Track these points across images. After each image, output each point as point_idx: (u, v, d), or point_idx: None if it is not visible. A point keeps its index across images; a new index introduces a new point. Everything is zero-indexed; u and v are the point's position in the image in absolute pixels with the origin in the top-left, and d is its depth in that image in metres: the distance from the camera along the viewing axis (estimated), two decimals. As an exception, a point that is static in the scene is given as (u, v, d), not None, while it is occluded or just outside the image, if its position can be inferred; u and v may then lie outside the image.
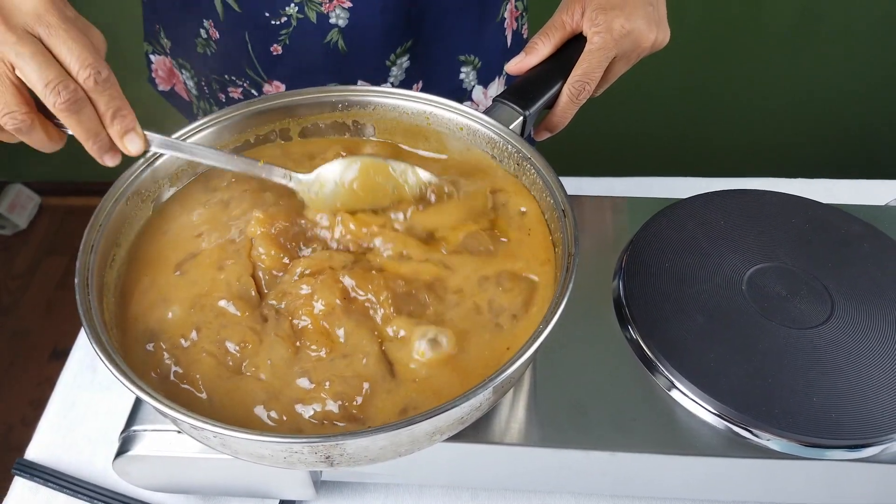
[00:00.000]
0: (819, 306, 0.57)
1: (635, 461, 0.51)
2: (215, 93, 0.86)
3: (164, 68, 0.94)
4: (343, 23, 0.75)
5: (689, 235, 0.62)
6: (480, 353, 0.49)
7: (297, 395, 0.46)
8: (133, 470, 0.53)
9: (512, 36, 0.89)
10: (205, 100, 0.90)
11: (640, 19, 0.62)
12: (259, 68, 0.80)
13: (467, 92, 0.88)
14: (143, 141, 0.50)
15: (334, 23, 0.75)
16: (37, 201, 2.25)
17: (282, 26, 0.75)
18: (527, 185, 0.58)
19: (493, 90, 0.90)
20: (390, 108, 0.62)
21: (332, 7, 0.73)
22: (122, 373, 0.42)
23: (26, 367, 1.86)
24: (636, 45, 0.63)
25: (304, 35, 0.76)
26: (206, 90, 0.88)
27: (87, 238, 0.50)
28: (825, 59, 1.69)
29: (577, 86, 0.61)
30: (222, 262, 0.53)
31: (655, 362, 0.54)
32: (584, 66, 0.61)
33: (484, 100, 0.90)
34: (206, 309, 0.50)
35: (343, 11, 0.74)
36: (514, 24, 0.89)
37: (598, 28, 0.60)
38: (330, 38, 0.76)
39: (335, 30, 0.75)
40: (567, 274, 0.47)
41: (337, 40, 0.77)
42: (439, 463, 0.55)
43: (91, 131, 0.48)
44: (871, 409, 0.51)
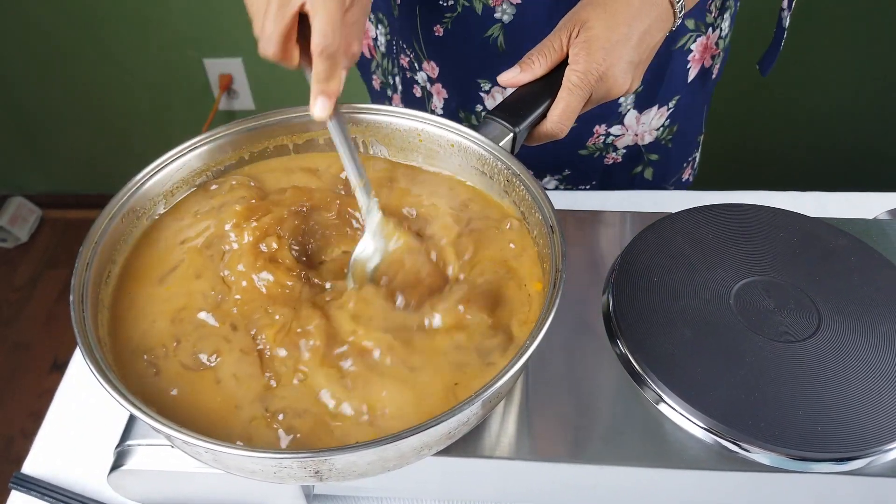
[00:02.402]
0: (806, 320, 0.58)
1: (624, 475, 0.52)
2: (398, 55, 0.88)
3: None
4: (508, 19, 0.75)
5: (678, 250, 0.63)
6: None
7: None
8: (128, 484, 0.54)
9: (699, 72, 0.86)
10: (390, 59, 0.91)
11: (620, 68, 0.62)
12: (422, 43, 0.81)
13: (620, 115, 0.86)
14: (326, 113, 0.53)
15: (498, 17, 0.75)
16: (38, 214, 2.26)
17: (447, 9, 0.76)
18: (516, 201, 0.59)
19: (648, 118, 0.87)
20: (383, 126, 0.62)
21: (500, 1, 0.73)
22: (116, 390, 0.43)
23: (27, 379, 1.87)
24: (607, 93, 0.63)
25: (466, 24, 0.77)
26: (393, 49, 0.89)
27: (81, 256, 0.51)
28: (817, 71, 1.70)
29: (555, 127, 0.61)
30: (200, 271, 0.54)
31: (644, 376, 0.55)
32: (564, 106, 0.61)
33: (635, 125, 0.88)
34: (185, 321, 0.52)
35: (510, 7, 0.74)
36: (706, 61, 0.86)
37: (577, 68, 0.60)
38: (491, 32, 0.77)
39: (497, 25, 0.76)
40: (554, 290, 0.48)
41: (497, 36, 0.77)
42: (430, 477, 0.55)
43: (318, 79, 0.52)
44: (857, 423, 0.51)
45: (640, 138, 0.90)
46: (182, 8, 1.79)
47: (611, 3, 0.61)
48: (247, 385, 0.49)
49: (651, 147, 0.92)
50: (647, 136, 0.90)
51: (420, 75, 0.87)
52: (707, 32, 0.83)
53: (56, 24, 1.85)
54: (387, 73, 0.94)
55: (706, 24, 0.82)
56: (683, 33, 0.81)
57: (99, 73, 1.94)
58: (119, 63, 1.92)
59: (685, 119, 0.91)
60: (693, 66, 0.85)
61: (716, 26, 0.83)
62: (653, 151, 0.92)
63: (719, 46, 0.86)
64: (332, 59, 0.51)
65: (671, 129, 0.91)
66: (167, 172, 0.58)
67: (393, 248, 0.56)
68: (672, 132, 0.91)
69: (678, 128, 0.91)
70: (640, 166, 0.94)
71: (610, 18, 0.61)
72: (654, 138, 0.91)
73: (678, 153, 0.94)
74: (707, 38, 0.83)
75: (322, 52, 0.50)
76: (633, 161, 0.93)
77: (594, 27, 0.61)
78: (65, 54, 1.91)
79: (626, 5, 0.61)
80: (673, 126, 0.90)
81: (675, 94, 0.87)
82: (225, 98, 1.97)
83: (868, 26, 1.62)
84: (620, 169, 0.93)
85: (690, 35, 0.82)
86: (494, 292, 0.54)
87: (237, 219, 0.57)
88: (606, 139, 0.89)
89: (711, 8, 0.81)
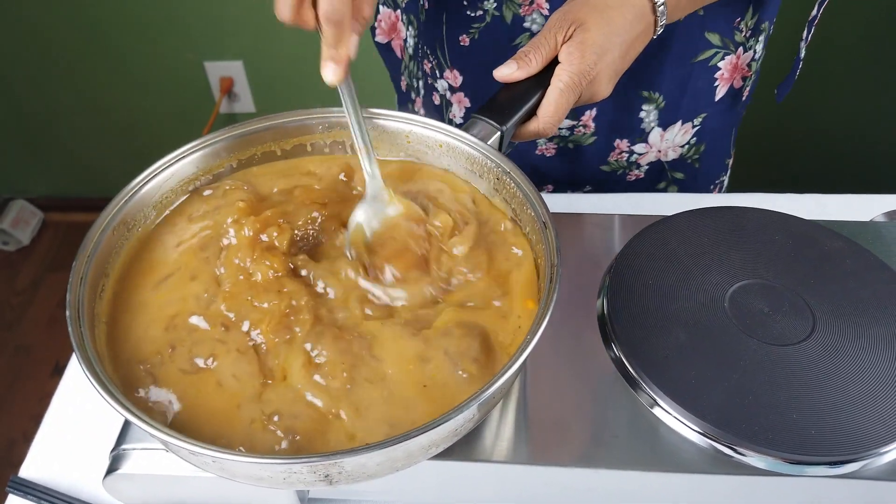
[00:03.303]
0: (801, 323, 0.58)
1: (618, 478, 0.52)
2: (422, 59, 0.88)
3: (388, 21, 0.94)
4: (537, 28, 0.75)
5: (673, 253, 0.63)
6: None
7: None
8: (123, 488, 0.54)
9: (728, 91, 0.85)
10: (416, 62, 0.91)
11: (607, 74, 0.62)
12: (446, 52, 0.81)
13: (644, 133, 0.85)
14: (334, 78, 0.53)
15: (528, 27, 0.75)
16: (40, 217, 2.27)
17: (475, 19, 0.76)
18: (507, 199, 0.59)
19: (672, 134, 0.86)
20: (370, 128, 0.62)
21: (530, 10, 0.74)
22: (121, 405, 0.43)
23: (28, 383, 1.88)
24: (591, 97, 0.64)
25: (495, 34, 0.77)
26: (420, 53, 0.89)
27: (75, 270, 0.51)
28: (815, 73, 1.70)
29: (546, 127, 0.62)
30: (195, 273, 0.54)
31: (638, 380, 0.55)
32: (554, 107, 0.61)
33: (659, 142, 0.86)
34: (179, 327, 0.52)
35: (540, 17, 0.74)
36: (736, 82, 0.84)
37: (570, 68, 0.61)
38: (520, 41, 0.77)
39: (527, 34, 0.76)
40: (551, 284, 0.48)
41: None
42: (427, 480, 0.55)
43: (328, 40, 0.52)
44: (851, 426, 0.51)
45: (664, 154, 0.88)
46: (183, 11, 1.79)
47: (607, 10, 0.62)
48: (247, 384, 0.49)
49: (676, 164, 0.90)
50: (670, 152, 0.88)
51: (440, 83, 0.87)
52: (737, 52, 0.81)
53: (58, 28, 1.85)
54: (412, 76, 0.94)
55: (735, 42, 0.81)
56: (705, 47, 0.80)
57: (100, 77, 1.95)
58: (120, 66, 1.92)
59: (713, 139, 0.89)
60: (721, 85, 0.84)
61: (748, 47, 0.82)
62: (678, 169, 0.91)
63: (752, 68, 0.85)
64: (339, 25, 0.51)
65: (698, 148, 0.89)
66: (157, 182, 0.58)
67: (393, 214, 0.56)
68: (699, 151, 0.89)
69: (706, 148, 0.89)
70: (664, 183, 0.93)
71: (606, 25, 0.61)
72: (679, 155, 0.89)
73: (706, 174, 0.93)
74: (737, 58, 0.82)
75: (328, 19, 0.50)
76: (656, 177, 0.92)
77: (590, 30, 0.61)
78: (67, 58, 1.92)
79: (620, 15, 0.62)
80: (700, 145, 0.89)
81: (701, 112, 0.85)
82: (226, 101, 1.97)
83: (866, 27, 1.62)
84: (643, 185, 0.92)
85: (717, 51, 0.81)
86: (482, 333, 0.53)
87: (238, 214, 0.58)
88: (630, 157, 0.88)
89: (742, 27, 0.80)
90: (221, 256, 0.56)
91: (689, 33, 0.67)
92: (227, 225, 0.57)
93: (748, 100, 0.90)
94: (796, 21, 1.22)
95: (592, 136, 0.86)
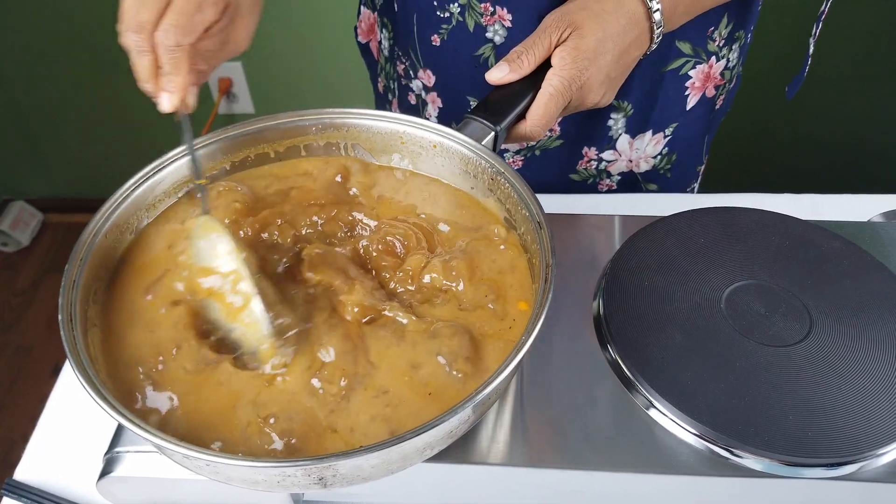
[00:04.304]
0: (797, 324, 0.57)
1: (614, 480, 0.52)
2: (395, 60, 0.88)
3: (367, 22, 0.95)
4: (500, 40, 0.75)
5: (669, 254, 0.63)
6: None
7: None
8: (117, 491, 0.54)
9: (699, 100, 0.84)
10: (391, 63, 0.91)
11: (598, 79, 0.62)
12: (419, 52, 0.81)
13: (612, 139, 0.85)
14: (170, 107, 0.53)
15: (490, 37, 0.75)
16: (39, 218, 2.27)
17: (444, 20, 0.76)
18: (501, 199, 0.59)
19: (642, 144, 0.86)
20: (364, 129, 0.62)
21: (492, 21, 0.74)
22: (114, 409, 0.43)
23: (28, 384, 1.87)
24: (582, 101, 0.64)
25: (460, 38, 0.77)
26: (395, 55, 0.89)
27: (67, 274, 0.51)
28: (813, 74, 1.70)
29: (535, 130, 0.62)
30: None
31: (634, 381, 0.55)
32: (544, 111, 0.61)
33: (629, 151, 0.86)
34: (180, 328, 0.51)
35: (502, 28, 0.74)
36: (708, 91, 0.84)
37: (561, 73, 0.61)
38: (482, 51, 0.77)
39: (489, 45, 0.76)
40: (546, 284, 0.48)
41: (489, 57, 0.77)
42: (423, 483, 0.55)
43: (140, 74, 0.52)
44: (848, 427, 0.51)
45: (636, 165, 0.88)
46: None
47: (602, 15, 0.62)
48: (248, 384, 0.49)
49: (649, 176, 0.90)
50: (642, 163, 0.88)
51: (415, 83, 0.87)
52: (709, 61, 0.81)
53: (57, 28, 1.85)
54: (389, 77, 0.94)
55: (708, 51, 0.80)
56: (676, 56, 0.80)
57: (99, 77, 1.95)
58: (119, 67, 1.91)
59: (684, 148, 0.89)
60: (693, 94, 0.83)
61: (721, 56, 0.81)
62: (651, 181, 0.91)
63: (725, 77, 0.84)
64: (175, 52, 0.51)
65: (670, 158, 0.89)
66: (150, 185, 0.58)
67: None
68: (671, 161, 0.89)
69: (677, 157, 0.89)
70: (638, 195, 0.91)
71: (600, 30, 0.61)
72: (652, 167, 0.89)
73: (677, 183, 0.93)
74: (710, 67, 0.82)
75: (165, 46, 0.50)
76: (629, 189, 0.91)
77: (585, 35, 0.61)
78: (66, 58, 1.92)
79: (615, 21, 0.62)
80: (672, 155, 0.89)
81: (673, 121, 0.85)
82: (224, 102, 1.97)
83: (865, 27, 1.62)
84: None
85: (687, 60, 0.80)
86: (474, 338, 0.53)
87: (236, 216, 0.58)
88: (599, 164, 0.88)
89: (715, 36, 0.79)
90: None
91: (660, 42, 0.67)
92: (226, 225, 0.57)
93: (727, 107, 0.89)
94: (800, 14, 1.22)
95: (558, 140, 0.86)
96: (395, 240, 0.57)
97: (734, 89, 0.89)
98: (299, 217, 0.59)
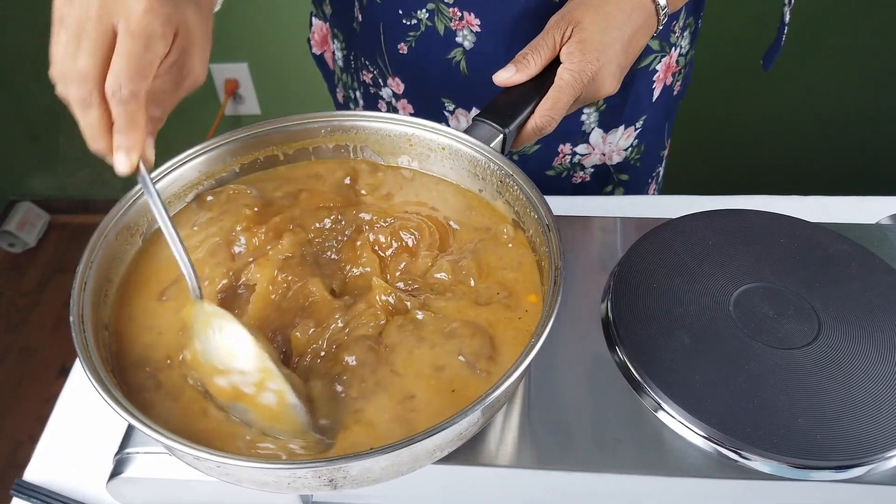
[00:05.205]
0: (806, 327, 0.57)
1: (622, 482, 0.52)
2: (359, 70, 0.88)
3: (320, 33, 0.96)
4: (469, 45, 0.76)
5: (677, 256, 0.63)
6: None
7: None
8: (127, 492, 0.54)
9: (662, 90, 0.87)
10: (349, 74, 0.92)
11: (609, 70, 0.62)
12: (387, 61, 0.82)
13: (585, 134, 0.86)
14: (128, 167, 0.46)
15: (460, 42, 0.76)
16: (46, 219, 2.28)
17: (411, 27, 0.76)
18: (510, 201, 0.59)
19: (615, 138, 0.88)
20: (373, 132, 0.63)
21: (461, 26, 0.74)
22: (125, 410, 0.43)
23: (34, 385, 1.88)
24: (595, 93, 0.64)
25: (430, 44, 0.77)
26: (352, 65, 0.90)
27: (79, 275, 0.51)
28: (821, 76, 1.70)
29: (543, 120, 0.62)
30: (209, 277, 0.54)
31: (642, 384, 0.55)
32: (552, 103, 0.61)
33: (602, 145, 0.89)
34: None
35: (471, 34, 0.74)
36: (668, 79, 0.87)
37: (571, 67, 0.61)
38: (453, 55, 0.77)
39: (459, 49, 0.76)
40: (555, 287, 0.48)
41: (460, 60, 0.78)
42: (431, 484, 0.55)
43: (88, 133, 0.46)
44: (857, 430, 0.51)
45: (609, 158, 0.90)
46: (188, 13, 1.79)
47: (603, 6, 0.62)
48: None
49: (620, 167, 0.93)
50: (615, 156, 0.90)
51: (385, 91, 0.87)
52: (671, 52, 0.84)
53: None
54: (347, 87, 0.95)
55: (670, 43, 0.83)
56: (648, 54, 0.82)
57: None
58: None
59: (651, 137, 0.92)
60: (657, 86, 0.86)
61: (677, 45, 0.84)
62: (622, 171, 0.93)
63: (679, 64, 0.87)
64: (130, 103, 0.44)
65: (639, 148, 0.91)
66: (159, 187, 0.58)
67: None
68: (640, 151, 0.92)
69: (645, 147, 0.92)
70: (611, 186, 0.95)
71: (603, 21, 0.61)
72: (623, 158, 0.91)
73: (645, 171, 0.95)
74: (670, 58, 0.84)
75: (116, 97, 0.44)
76: (602, 181, 0.94)
77: (587, 28, 0.61)
78: (72, 60, 1.92)
79: (618, 9, 0.62)
80: (641, 145, 0.91)
81: (642, 114, 0.87)
82: (231, 103, 1.97)
83: (871, 30, 1.61)
84: (590, 189, 0.94)
85: (656, 55, 0.82)
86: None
87: (247, 222, 0.58)
88: (573, 158, 0.90)
89: (675, 28, 0.82)
90: (237, 261, 0.56)
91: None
92: (237, 232, 0.57)
93: (683, 92, 0.92)
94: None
95: (535, 146, 0.88)
96: (408, 234, 0.57)
97: (689, 73, 0.92)
98: (309, 220, 0.59)
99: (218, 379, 0.46)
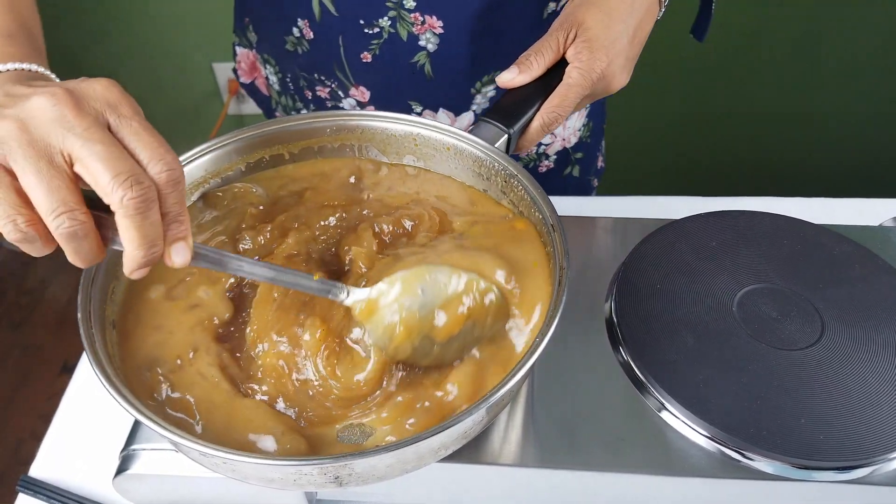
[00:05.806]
0: (809, 328, 0.58)
1: (625, 482, 0.52)
2: (301, 90, 0.88)
3: (247, 61, 0.96)
4: (432, 48, 0.76)
5: (681, 257, 0.63)
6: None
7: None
8: (132, 488, 0.54)
9: None
10: (288, 96, 0.92)
11: (619, 65, 0.62)
12: (348, 72, 0.82)
13: None
14: (191, 253, 0.43)
15: (423, 45, 0.76)
16: (49, 217, 2.28)
17: (374, 36, 0.77)
18: (514, 201, 0.59)
19: (572, 122, 0.91)
20: (378, 131, 0.63)
21: (423, 30, 0.74)
22: (132, 406, 0.43)
23: (37, 382, 1.88)
24: (606, 89, 0.64)
25: (394, 50, 0.77)
26: (290, 87, 0.90)
27: (86, 272, 0.51)
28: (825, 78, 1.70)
29: (550, 116, 0.62)
30: (215, 278, 0.54)
31: (646, 383, 0.55)
32: (560, 99, 0.61)
33: (562, 130, 0.91)
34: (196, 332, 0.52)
35: (434, 37, 0.75)
36: None
37: (579, 65, 0.61)
38: (417, 59, 0.78)
39: (423, 52, 0.77)
40: (559, 287, 0.48)
41: (424, 63, 0.78)
42: (435, 483, 0.55)
43: (149, 238, 0.40)
44: (860, 431, 0.51)
45: (567, 142, 0.94)
46: (191, 11, 1.80)
47: (605, 2, 0.62)
48: None
49: (577, 147, 0.96)
50: (572, 137, 0.94)
51: (347, 101, 0.87)
52: None
53: (65, 28, 1.86)
54: (288, 109, 0.95)
55: None
56: None
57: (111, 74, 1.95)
58: (128, 67, 1.93)
59: (596, 114, 0.96)
60: None
61: None
62: (578, 150, 0.97)
63: None
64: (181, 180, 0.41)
65: (588, 125, 0.95)
66: None
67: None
68: (590, 129, 0.96)
69: (593, 123, 0.96)
70: (569, 167, 0.98)
71: (605, 17, 0.62)
72: (578, 139, 0.95)
73: (594, 145, 0.99)
74: None
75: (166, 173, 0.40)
76: (563, 164, 0.97)
77: (592, 28, 0.61)
78: (74, 58, 1.93)
79: (619, 2, 0.62)
80: (590, 122, 0.95)
81: None
82: (234, 102, 1.98)
83: (876, 31, 1.61)
84: (554, 174, 0.97)
85: None
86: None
87: (252, 221, 0.58)
88: (538, 148, 0.92)
89: None
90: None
91: None
92: (243, 230, 0.57)
93: None
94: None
95: None
96: (408, 221, 0.58)
97: None
98: (314, 219, 0.59)
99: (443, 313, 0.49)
